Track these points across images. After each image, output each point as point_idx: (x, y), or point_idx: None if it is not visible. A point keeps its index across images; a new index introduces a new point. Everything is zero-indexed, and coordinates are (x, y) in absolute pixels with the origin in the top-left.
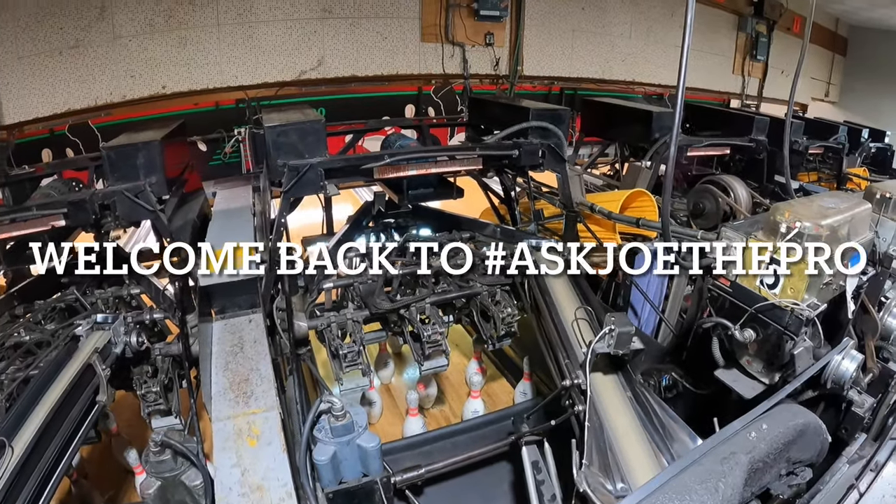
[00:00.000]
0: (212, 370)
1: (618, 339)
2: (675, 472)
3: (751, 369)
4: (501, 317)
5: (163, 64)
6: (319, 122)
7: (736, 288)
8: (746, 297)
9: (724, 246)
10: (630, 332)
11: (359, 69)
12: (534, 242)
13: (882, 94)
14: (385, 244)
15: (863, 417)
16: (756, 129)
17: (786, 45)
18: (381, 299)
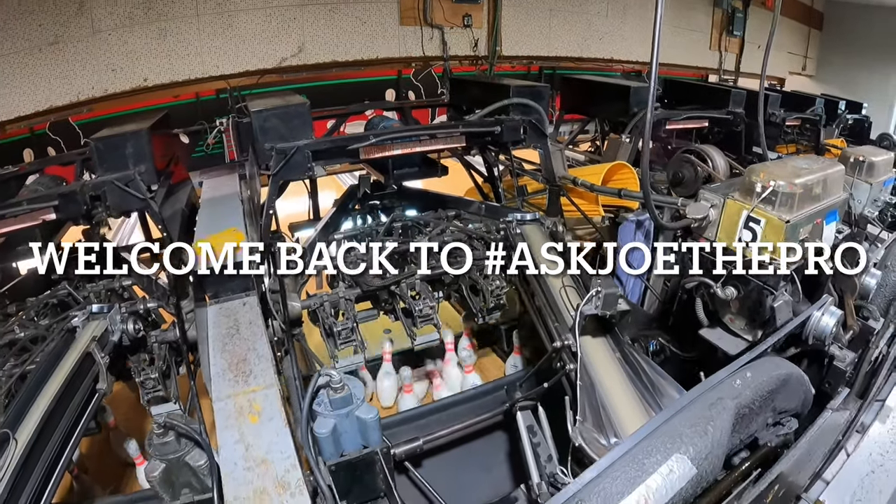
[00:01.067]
0: (209, 353)
1: (605, 300)
2: (665, 418)
3: (734, 327)
4: (490, 289)
5: (144, 56)
6: (304, 105)
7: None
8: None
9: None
10: (616, 294)
11: (339, 54)
12: (518, 216)
13: (859, 67)
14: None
15: (845, 371)
16: (733, 102)
17: (762, 20)
18: (372, 277)
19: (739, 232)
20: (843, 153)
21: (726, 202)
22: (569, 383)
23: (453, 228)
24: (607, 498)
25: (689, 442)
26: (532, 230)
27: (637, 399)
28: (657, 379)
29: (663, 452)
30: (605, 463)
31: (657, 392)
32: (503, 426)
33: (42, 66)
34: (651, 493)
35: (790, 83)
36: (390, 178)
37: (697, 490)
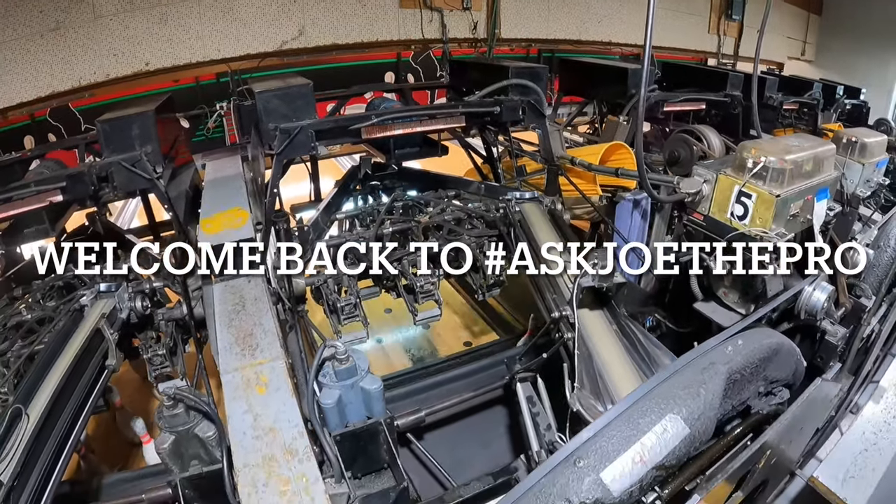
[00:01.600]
0: (216, 328)
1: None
2: (659, 381)
3: (727, 300)
4: (491, 265)
5: (145, 41)
6: (307, 86)
7: (709, 221)
8: (719, 230)
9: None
10: (612, 265)
11: (339, 37)
12: (517, 194)
13: (858, 53)
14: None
15: (836, 345)
16: (730, 84)
17: (761, 4)
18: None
19: (731, 206)
20: (836, 134)
21: (719, 177)
22: (566, 353)
23: (453, 207)
24: (604, 456)
25: (682, 403)
26: (531, 208)
27: (633, 368)
28: (652, 349)
29: (657, 413)
30: (601, 423)
31: (652, 361)
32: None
33: (43, 51)
34: (646, 451)
35: (789, 68)
36: (391, 157)
37: (691, 450)
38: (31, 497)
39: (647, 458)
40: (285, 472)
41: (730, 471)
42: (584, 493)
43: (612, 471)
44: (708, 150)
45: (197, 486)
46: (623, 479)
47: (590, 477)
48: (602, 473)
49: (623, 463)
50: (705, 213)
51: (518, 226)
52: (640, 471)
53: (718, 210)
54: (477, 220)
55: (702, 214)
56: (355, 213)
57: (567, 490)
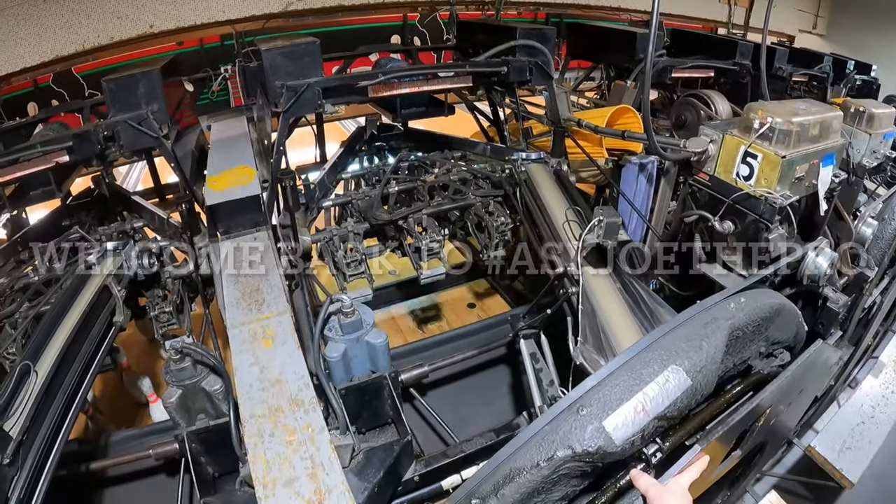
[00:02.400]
0: (223, 284)
1: (606, 229)
2: (662, 333)
3: (730, 262)
4: (495, 225)
5: (149, 3)
6: (314, 44)
7: (714, 181)
8: (724, 189)
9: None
10: (617, 223)
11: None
12: (524, 155)
13: (869, 29)
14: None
15: (837, 313)
16: (740, 53)
17: None
18: (380, 212)
19: (737, 166)
20: (844, 103)
21: (725, 137)
22: (570, 308)
23: (458, 167)
24: (606, 405)
25: (684, 355)
26: (537, 169)
27: (636, 324)
28: (655, 307)
29: (660, 364)
30: (604, 372)
31: (655, 319)
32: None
33: (47, 16)
34: (648, 400)
35: (800, 41)
36: (398, 116)
37: (692, 403)
38: (40, 453)
39: (649, 408)
40: (291, 422)
41: (730, 424)
42: (587, 440)
43: (614, 419)
44: (715, 114)
45: (204, 439)
46: (625, 427)
47: (592, 425)
48: (605, 422)
49: (625, 412)
50: (711, 172)
51: (524, 185)
52: (642, 420)
53: (724, 170)
54: (483, 181)
55: (707, 174)
56: (361, 172)
57: (570, 437)
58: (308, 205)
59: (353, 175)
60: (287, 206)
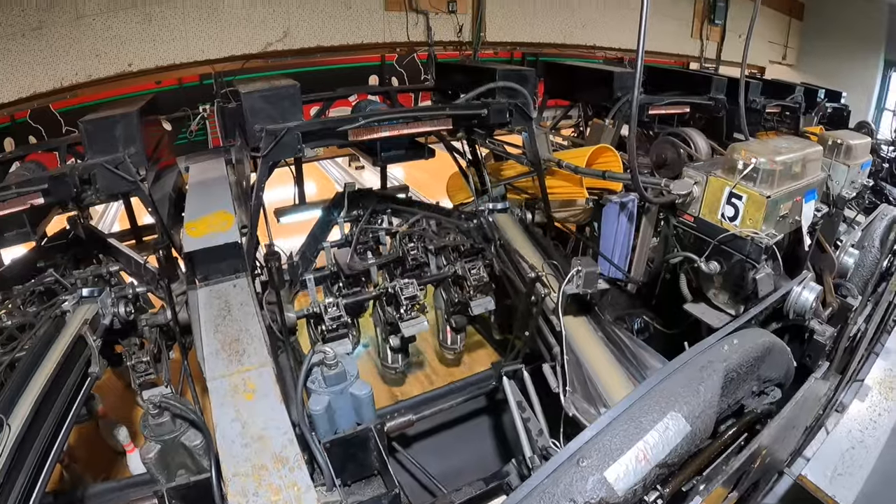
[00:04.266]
0: (202, 334)
1: (585, 279)
2: (660, 379)
3: (717, 301)
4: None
5: (128, 41)
6: (294, 87)
7: (699, 223)
8: (709, 231)
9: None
10: (595, 272)
11: (324, 39)
12: (490, 205)
13: (838, 57)
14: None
15: (825, 345)
16: (714, 88)
17: (743, 9)
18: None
19: (722, 207)
20: (821, 136)
21: (709, 179)
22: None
23: (428, 216)
24: (607, 455)
25: (683, 401)
26: (504, 219)
27: (623, 371)
28: (640, 352)
29: (659, 411)
30: (604, 421)
31: (641, 364)
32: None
33: (25, 52)
34: (649, 448)
35: (770, 72)
36: (378, 159)
37: (692, 448)
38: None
39: (650, 456)
40: (276, 480)
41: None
42: (589, 492)
43: (615, 469)
44: (695, 152)
45: (184, 496)
46: (627, 477)
47: (594, 476)
48: (606, 472)
49: (627, 461)
50: (695, 214)
51: (496, 241)
52: (644, 469)
53: (709, 211)
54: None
55: (692, 216)
56: (340, 242)
57: (571, 490)
58: (292, 280)
59: (332, 244)
60: (272, 284)
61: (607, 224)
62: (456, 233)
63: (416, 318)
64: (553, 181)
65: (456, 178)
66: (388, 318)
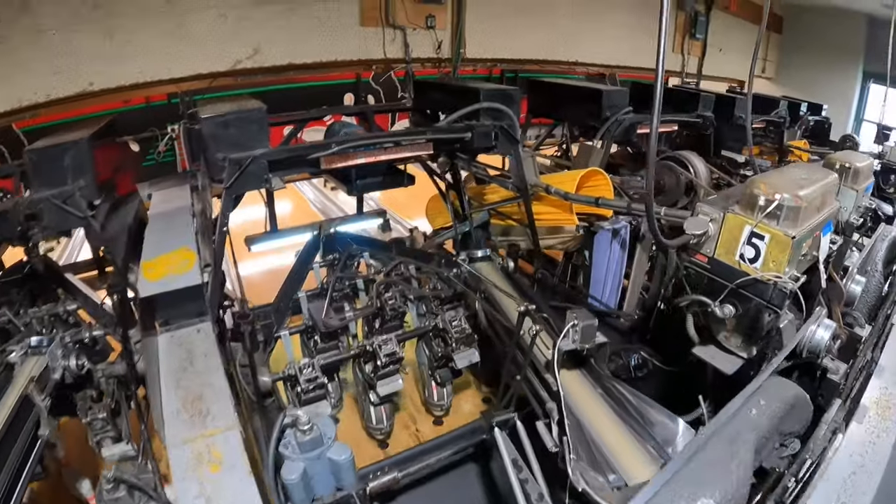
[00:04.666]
0: (161, 389)
1: (582, 333)
2: (685, 460)
3: (729, 345)
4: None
5: (89, 58)
6: (260, 110)
7: (714, 264)
8: (726, 273)
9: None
10: (594, 325)
11: (296, 56)
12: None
13: (816, 69)
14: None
15: (838, 384)
16: (702, 105)
17: (723, 24)
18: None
19: (741, 248)
20: (827, 159)
21: (726, 216)
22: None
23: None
24: None
25: (713, 484)
26: (487, 268)
27: (629, 432)
28: (644, 408)
29: (688, 499)
30: None
31: (648, 422)
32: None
33: None
34: None
35: None
36: (353, 188)
37: None
38: None
39: None
40: None
41: None
42: None
43: None
44: (695, 178)
45: None
46: None
47: None
48: None
49: None
50: (710, 254)
51: (478, 287)
52: None
53: (725, 252)
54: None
55: (706, 256)
56: (316, 292)
57: None
58: (266, 339)
59: (308, 294)
60: (245, 348)
61: (599, 252)
62: (435, 280)
63: (391, 375)
64: (540, 207)
65: (436, 202)
66: (365, 377)
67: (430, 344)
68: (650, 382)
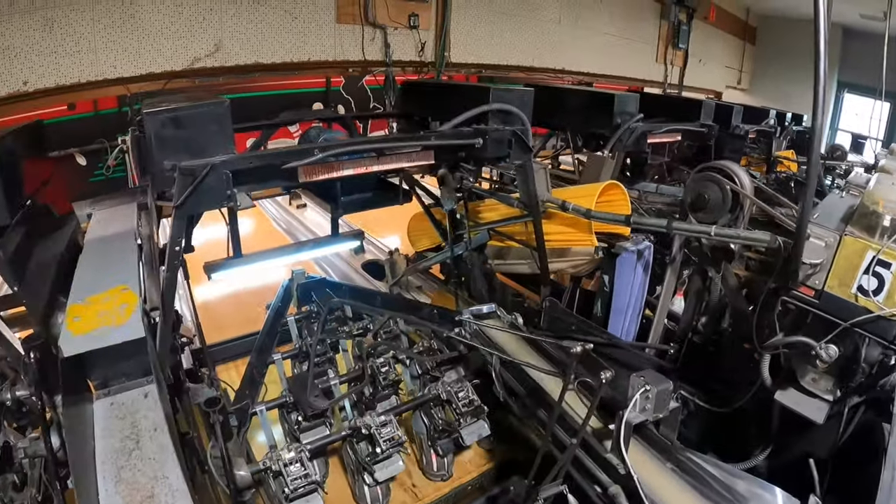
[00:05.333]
0: (98, 483)
1: (656, 401)
2: None
3: (816, 388)
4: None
5: (23, 53)
6: (222, 104)
7: (826, 298)
8: (840, 310)
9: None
10: (668, 390)
11: (263, 55)
12: (473, 310)
13: (791, 80)
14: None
15: None
16: (704, 113)
17: (703, 35)
18: (315, 398)
19: (860, 278)
20: (882, 166)
21: (843, 240)
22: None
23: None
24: None
25: None
26: (493, 324)
27: None
28: (732, 481)
29: None
30: None
31: (740, 498)
32: None
33: None
34: None
35: (727, 97)
36: (338, 207)
37: None
38: None
39: None
40: None
41: None
42: None
43: None
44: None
45: None
46: None
47: None
48: None
49: None
50: (818, 287)
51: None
52: None
53: (839, 283)
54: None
55: (813, 289)
56: (293, 353)
57: None
58: (241, 421)
59: (283, 356)
60: (217, 438)
61: (621, 277)
62: (432, 338)
63: (389, 458)
64: (551, 226)
65: (419, 220)
66: (360, 459)
67: (429, 413)
68: (694, 424)
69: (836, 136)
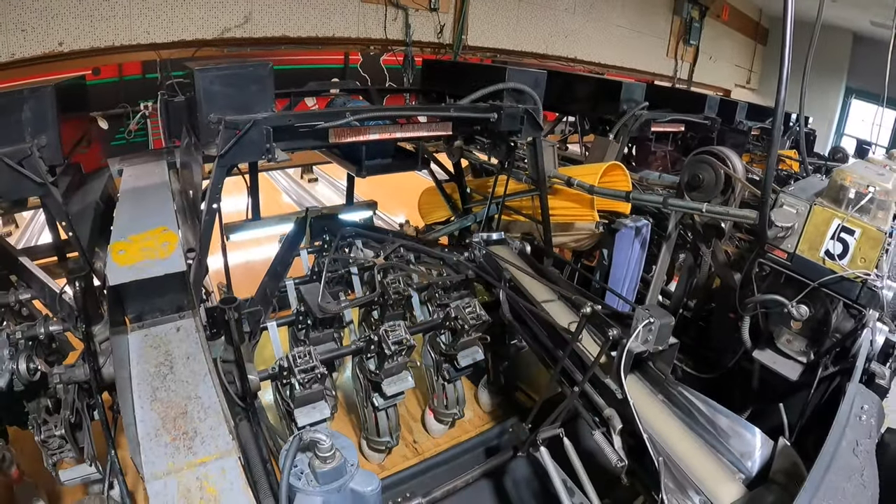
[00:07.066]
0: (134, 402)
1: (658, 333)
2: (820, 476)
3: (790, 349)
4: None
5: (60, 15)
6: (265, 66)
7: (796, 260)
8: (809, 270)
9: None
10: (670, 324)
11: (290, 29)
12: (484, 236)
13: (799, 83)
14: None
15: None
16: (708, 107)
17: (715, 32)
18: (327, 303)
19: (826, 243)
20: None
21: (813, 209)
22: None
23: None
24: None
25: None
26: (504, 252)
27: (704, 446)
28: (716, 416)
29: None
30: None
31: (722, 433)
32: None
33: None
34: None
35: (735, 95)
36: (361, 169)
37: None
38: None
39: None
40: None
41: None
42: None
43: None
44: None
45: None
46: None
47: None
48: None
49: None
50: (790, 250)
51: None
52: None
53: (809, 247)
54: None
55: (785, 252)
56: (304, 280)
57: None
58: (252, 331)
59: (296, 282)
60: (231, 340)
61: (620, 252)
62: (442, 266)
63: (399, 373)
64: (556, 201)
65: (430, 195)
66: (369, 375)
67: (436, 344)
68: None
69: (842, 140)
